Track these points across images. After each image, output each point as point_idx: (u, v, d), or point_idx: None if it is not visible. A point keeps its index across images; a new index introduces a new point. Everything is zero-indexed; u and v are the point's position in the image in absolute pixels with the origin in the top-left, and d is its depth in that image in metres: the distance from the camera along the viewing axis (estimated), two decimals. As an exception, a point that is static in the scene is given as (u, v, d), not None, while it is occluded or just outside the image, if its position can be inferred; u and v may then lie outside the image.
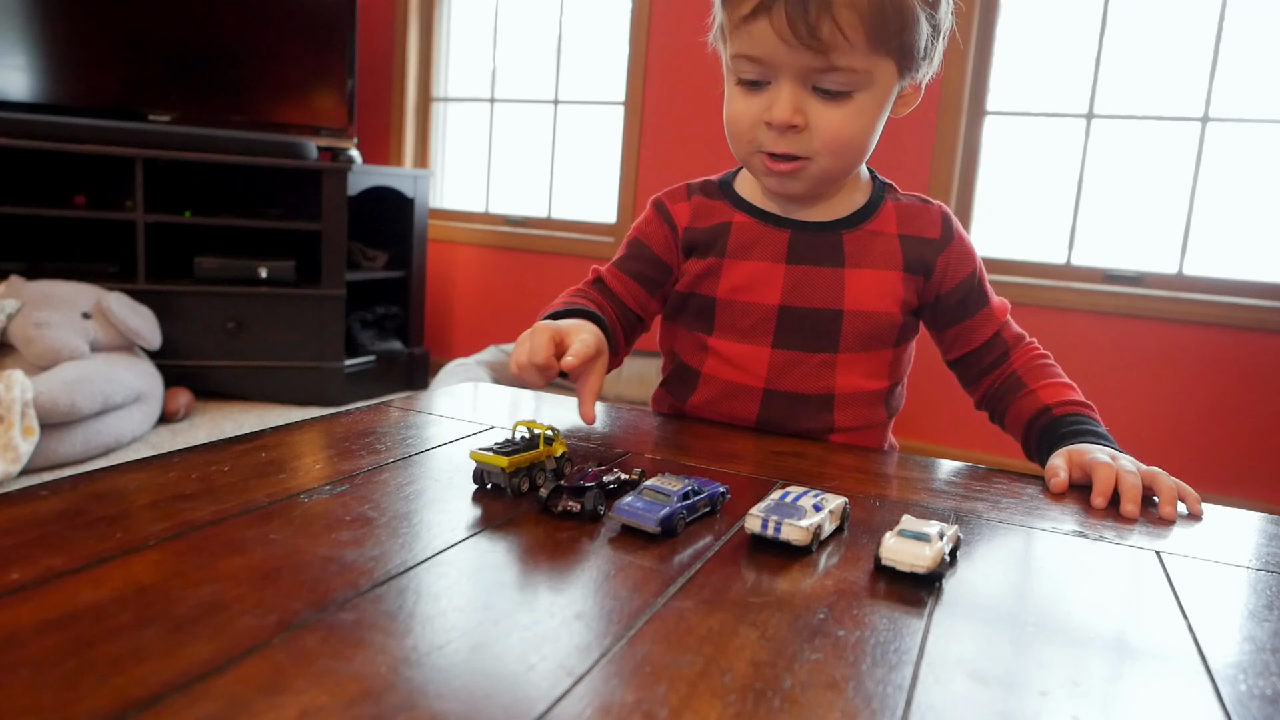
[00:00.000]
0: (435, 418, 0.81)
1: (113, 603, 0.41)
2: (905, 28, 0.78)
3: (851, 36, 0.75)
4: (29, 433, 2.10)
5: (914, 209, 0.93)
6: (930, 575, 0.51)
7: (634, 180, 3.14)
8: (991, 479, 0.77)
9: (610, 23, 3.27)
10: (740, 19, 0.78)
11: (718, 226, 0.93)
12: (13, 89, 2.82)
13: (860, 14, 0.75)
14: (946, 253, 0.91)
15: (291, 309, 2.93)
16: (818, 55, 0.76)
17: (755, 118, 0.83)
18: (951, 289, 0.92)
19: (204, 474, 0.60)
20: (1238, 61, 2.47)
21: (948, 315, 0.94)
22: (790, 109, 0.80)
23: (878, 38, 0.77)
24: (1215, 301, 2.46)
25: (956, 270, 0.92)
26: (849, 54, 0.77)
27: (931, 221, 0.92)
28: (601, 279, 0.97)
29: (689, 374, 0.95)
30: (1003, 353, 0.94)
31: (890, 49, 0.79)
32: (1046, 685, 0.41)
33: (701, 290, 0.93)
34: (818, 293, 0.89)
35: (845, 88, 0.79)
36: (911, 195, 0.95)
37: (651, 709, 0.36)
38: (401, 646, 0.39)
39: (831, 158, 0.83)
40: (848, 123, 0.81)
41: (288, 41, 3.12)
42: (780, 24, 0.75)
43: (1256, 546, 0.64)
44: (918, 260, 0.91)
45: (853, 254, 0.90)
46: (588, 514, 0.57)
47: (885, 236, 0.91)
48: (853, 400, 0.91)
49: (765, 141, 0.83)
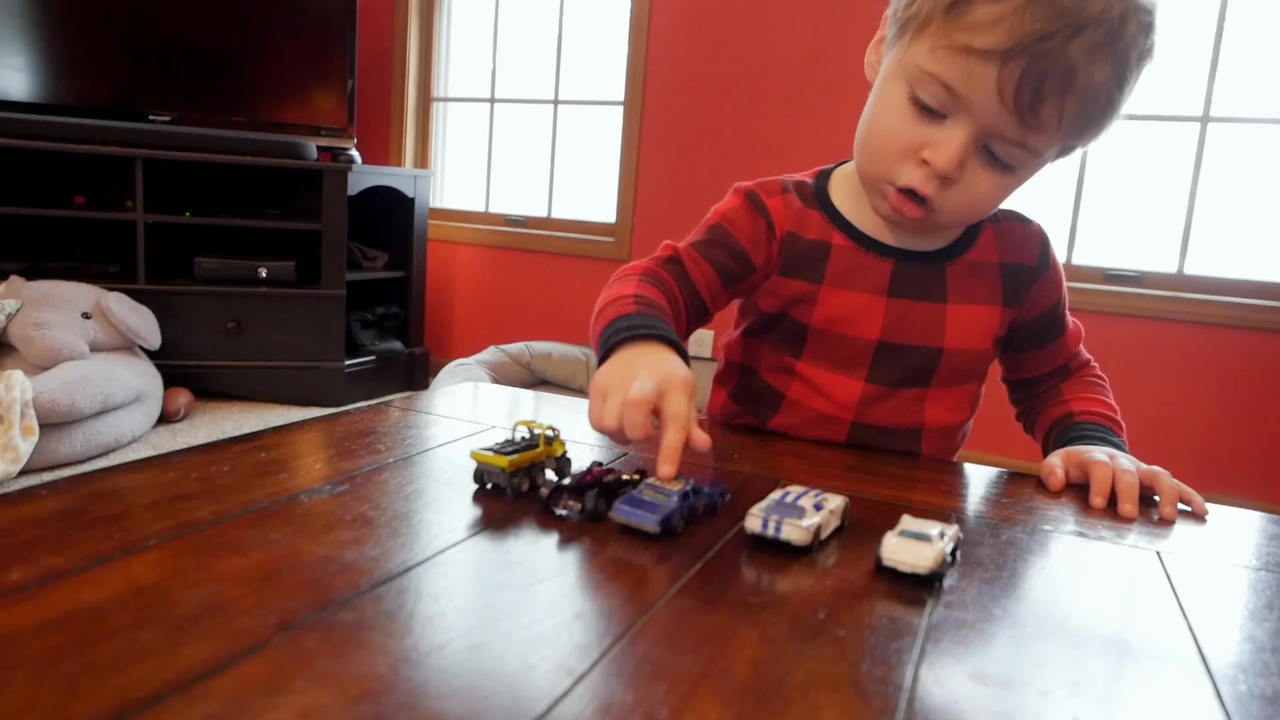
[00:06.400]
0: (435, 418, 0.81)
1: (112, 603, 0.41)
2: (1100, 129, 0.72)
3: (1064, 125, 0.69)
4: (29, 433, 2.10)
5: (1013, 232, 0.87)
6: (930, 575, 0.51)
7: (634, 180, 3.14)
8: (991, 479, 0.77)
9: (610, 23, 3.26)
10: (967, 47, 0.67)
11: (816, 246, 0.86)
12: (13, 89, 2.82)
13: (1085, 107, 0.68)
14: (1040, 282, 0.87)
15: (291, 309, 2.93)
16: (1021, 128, 0.69)
17: (911, 146, 0.74)
18: (1033, 319, 0.88)
19: (204, 474, 0.60)
20: (1238, 61, 2.47)
21: (1020, 342, 0.90)
22: (957, 160, 0.72)
23: (1078, 130, 0.71)
24: (1215, 301, 2.46)
25: (1044, 300, 0.88)
26: (1047, 138, 0.70)
27: (1031, 246, 0.87)
28: (680, 260, 0.87)
29: (771, 395, 0.90)
30: (1061, 379, 0.92)
31: (1075, 139, 0.73)
32: (1046, 685, 0.41)
33: (794, 315, 0.87)
34: (918, 330, 0.84)
35: (1015, 162, 0.73)
36: (1011, 213, 0.89)
37: (651, 709, 0.36)
38: (401, 646, 0.39)
39: (959, 216, 0.78)
40: (995, 193, 0.75)
41: (288, 41, 3.12)
42: (1009, 81, 0.66)
43: (1256, 546, 0.64)
44: (1014, 291, 0.86)
45: (955, 288, 0.85)
46: (588, 514, 0.57)
47: (986, 267, 0.86)
48: (938, 433, 0.88)
49: (905, 174, 0.75)
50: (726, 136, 2.98)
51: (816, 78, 2.81)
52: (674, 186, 3.07)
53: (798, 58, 2.84)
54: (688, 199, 3.04)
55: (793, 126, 2.87)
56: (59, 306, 2.47)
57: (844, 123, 2.77)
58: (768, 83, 2.90)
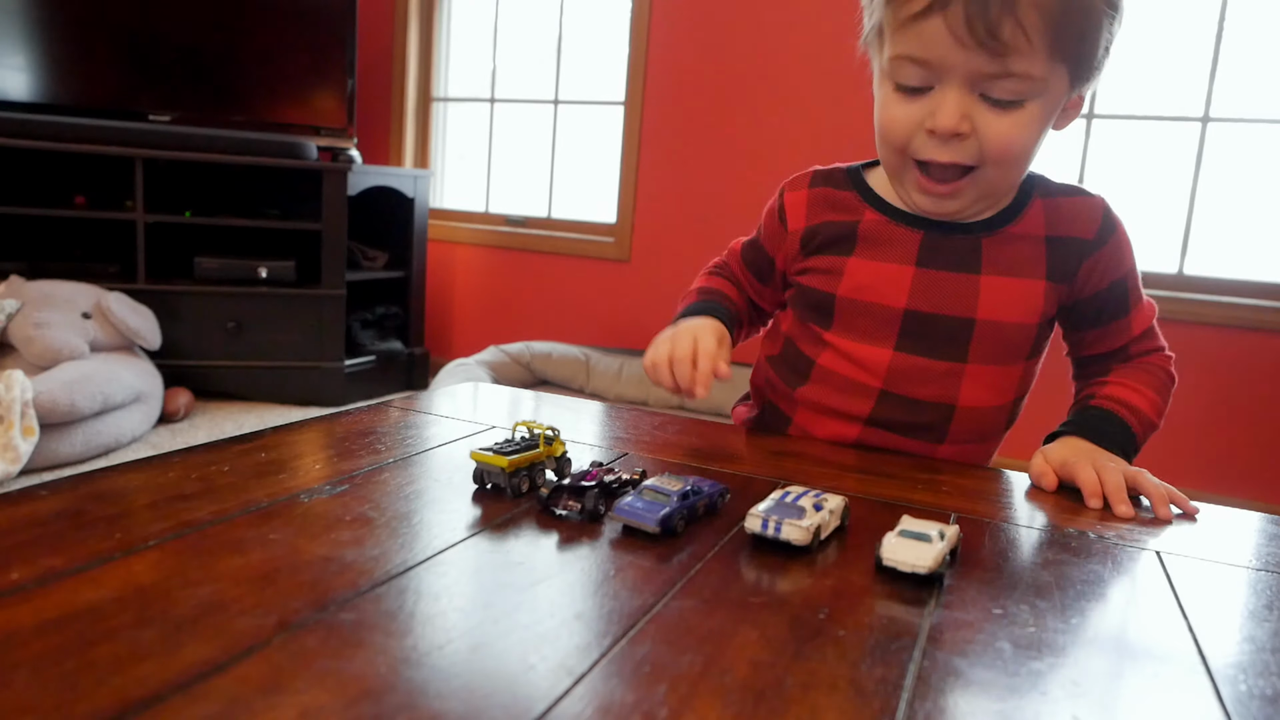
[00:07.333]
0: (435, 418, 0.81)
1: (112, 603, 0.41)
2: (1087, 33, 0.72)
3: (1034, 39, 0.69)
4: (29, 433, 2.10)
5: (1068, 206, 0.85)
6: (931, 575, 0.51)
7: (634, 180, 3.14)
8: (991, 479, 0.77)
9: (610, 23, 3.26)
10: (909, 16, 0.72)
11: (844, 225, 0.87)
12: (13, 89, 2.82)
13: (1046, 14, 0.68)
14: (1096, 257, 0.84)
15: (291, 309, 2.93)
16: (994, 58, 0.70)
17: (914, 124, 0.76)
18: (1090, 296, 0.85)
19: (204, 474, 0.60)
20: (1238, 61, 2.46)
21: (1077, 320, 0.88)
22: (957, 114, 0.73)
23: (1060, 42, 0.70)
24: (1215, 301, 2.46)
25: (1102, 276, 0.84)
26: (1028, 58, 0.70)
27: (1088, 220, 0.84)
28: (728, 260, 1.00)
29: (802, 361, 0.91)
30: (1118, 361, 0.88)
31: (1069, 56, 0.72)
32: (1046, 685, 0.41)
33: (822, 286, 0.88)
34: (948, 299, 0.83)
35: (1018, 96, 0.72)
36: (1068, 186, 0.87)
37: (651, 709, 0.36)
38: (401, 646, 0.39)
39: (997, 168, 0.76)
40: (1018, 132, 0.74)
41: (288, 41, 3.12)
42: (956, 22, 0.69)
43: (1256, 546, 0.64)
44: (1062, 265, 0.84)
45: (991, 259, 0.83)
46: (588, 514, 0.57)
47: (1030, 240, 0.84)
48: (973, 414, 0.86)
49: (924, 149, 0.76)
50: (726, 136, 2.98)
51: (816, 78, 2.81)
52: (674, 186, 3.07)
53: (798, 58, 2.84)
54: (688, 199, 3.04)
55: (792, 126, 2.87)
56: (59, 306, 2.47)
57: (844, 122, 2.78)
58: (768, 83, 2.90)
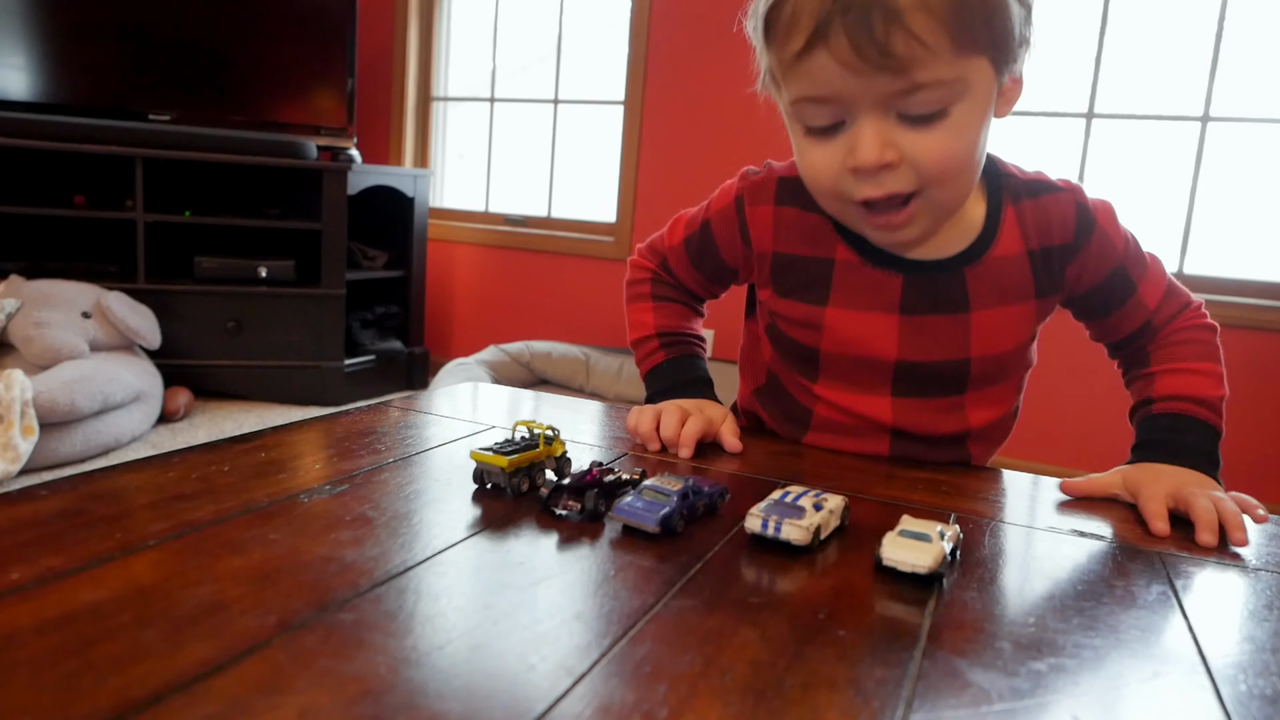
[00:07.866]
0: (435, 418, 0.81)
1: (112, 603, 0.41)
2: (993, 14, 0.65)
3: (932, 43, 0.62)
4: (29, 432, 2.10)
5: (1040, 209, 0.79)
6: (931, 575, 0.51)
7: (634, 180, 3.14)
8: (991, 479, 0.77)
9: (610, 23, 3.26)
10: (792, 57, 0.66)
11: (816, 264, 0.81)
12: (13, 89, 2.81)
13: (936, 14, 0.62)
14: (1079, 260, 0.79)
15: (291, 309, 2.93)
16: (896, 76, 0.63)
17: (837, 166, 0.70)
18: (1085, 293, 0.82)
19: (204, 474, 0.60)
20: (1238, 61, 2.46)
21: (1089, 312, 0.85)
22: (877, 146, 0.66)
23: (964, 35, 0.63)
24: (1215, 301, 2.46)
25: (1094, 271, 0.80)
26: (932, 65, 0.63)
27: (1061, 221, 0.79)
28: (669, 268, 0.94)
29: (798, 410, 0.87)
30: (1147, 340, 0.84)
31: (981, 44, 0.65)
32: (1046, 685, 0.41)
33: (804, 340, 0.83)
34: (939, 344, 0.79)
35: (937, 106, 0.66)
36: (1034, 183, 0.80)
37: (651, 709, 0.36)
38: (401, 646, 0.39)
39: (941, 186, 0.70)
40: (950, 144, 0.68)
41: (288, 41, 3.12)
42: (842, 50, 0.63)
43: (1256, 546, 0.64)
44: (1049, 277, 0.80)
45: (979, 293, 0.79)
46: (588, 514, 0.57)
47: (1014, 261, 0.78)
48: (987, 430, 0.86)
49: (857, 189, 0.70)
50: (726, 136, 2.98)
51: (816, 77, 2.81)
52: (674, 186, 3.07)
53: (798, 57, 2.84)
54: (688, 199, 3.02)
55: (793, 126, 2.87)
56: (59, 306, 2.47)
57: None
58: (768, 82, 2.90)
